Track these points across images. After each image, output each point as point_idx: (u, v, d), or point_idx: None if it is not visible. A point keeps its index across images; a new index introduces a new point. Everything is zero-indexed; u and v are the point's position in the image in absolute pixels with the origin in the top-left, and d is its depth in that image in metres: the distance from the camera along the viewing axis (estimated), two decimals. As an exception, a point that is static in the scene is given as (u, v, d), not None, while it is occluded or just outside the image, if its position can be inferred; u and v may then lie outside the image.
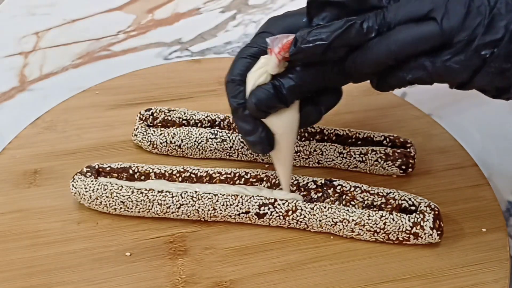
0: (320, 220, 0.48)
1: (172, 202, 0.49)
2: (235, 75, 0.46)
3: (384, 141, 0.55)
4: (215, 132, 0.55)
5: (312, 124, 0.48)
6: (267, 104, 0.44)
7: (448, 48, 0.39)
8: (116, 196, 0.49)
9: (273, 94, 0.44)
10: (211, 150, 0.55)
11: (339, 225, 0.48)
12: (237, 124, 0.47)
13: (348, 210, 0.48)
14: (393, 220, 0.47)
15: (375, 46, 0.41)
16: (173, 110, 0.57)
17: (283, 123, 0.46)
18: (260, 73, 0.44)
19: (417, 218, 0.47)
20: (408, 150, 0.54)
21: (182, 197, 0.49)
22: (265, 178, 0.51)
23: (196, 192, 0.49)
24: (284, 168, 0.49)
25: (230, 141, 0.55)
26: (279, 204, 0.48)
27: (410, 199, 0.49)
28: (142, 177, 0.51)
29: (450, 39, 0.39)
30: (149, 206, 0.49)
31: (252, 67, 0.45)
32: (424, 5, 0.40)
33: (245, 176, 0.51)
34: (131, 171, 0.51)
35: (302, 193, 0.50)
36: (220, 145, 0.55)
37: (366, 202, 0.49)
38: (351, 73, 0.44)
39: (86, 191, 0.49)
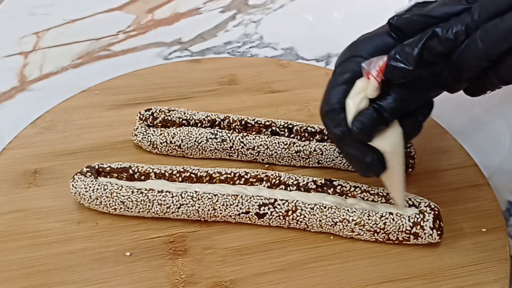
0: (320, 220, 0.48)
1: (172, 202, 0.49)
2: (334, 104, 0.45)
3: (384, 141, 0.55)
4: (215, 132, 0.55)
5: (415, 136, 0.48)
6: (371, 129, 0.44)
7: None
8: (116, 196, 0.49)
9: (376, 118, 0.43)
10: (211, 150, 0.55)
11: (339, 225, 0.48)
12: (345, 151, 0.46)
13: (348, 210, 0.48)
14: (393, 220, 0.47)
15: (464, 52, 0.40)
16: (173, 110, 0.57)
17: (390, 142, 0.45)
18: (360, 98, 0.44)
19: (417, 218, 0.47)
20: (408, 150, 0.54)
21: (182, 197, 0.49)
22: (265, 178, 0.51)
23: (196, 192, 0.49)
24: (397, 187, 0.47)
25: (230, 141, 0.55)
26: (279, 204, 0.48)
27: (410, 199, 0.49)
28: (142, 177, 0.51)
29: None
30: (149, 206, 0.49)
31: (348, 93, 0.44)
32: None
33: (245, 176, 0.51)
34: (131, 171, 0.51)
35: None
36: (220, 145, 0.55)
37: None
38: (449, 84, 0.43)
39: (86, 191, 0.49)
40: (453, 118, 0.63)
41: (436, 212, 0.48)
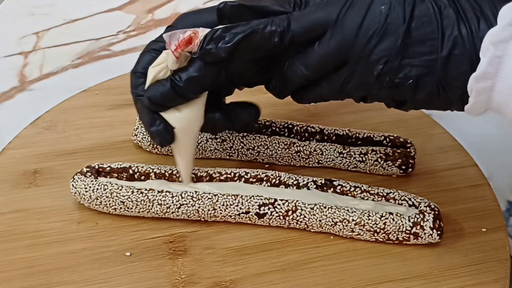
0: (320, 220, 0.48)
1: (172, 202, 0.49)
2: (137, 68, 0.46)
3: (384, 141, 0.55)
4: (215, 132, 0.55)
5: (217, 131, 0.49)
6: (162, 99, 0.44)
7: (345, 64, 0.40)
8: (116, 196, 0.49)
9: (168, 89, 0.43)
10: (211, 150, 0.55)
11: (339, 225, 0.48)
12: (138, 115, 0.47)
13: (348, 210, 0.48)
14: (393, 220, 0.47)
15: (288, 71, 0.43)
16: (173, 110, 0.57)
17: (181, 119, 0.45)
18: (160, 68, 0.44)
19: (417, 218, 0.47)
20: (408, 150, 0.54)
21: (182, 197, 0.49)
22: (265, 178, 0.51)
23: (196, 192, 0.49)
24: (183, 162, 0.49)
25: (230, 141, 0.55)
26: (279, 204, 0.48)
27: (410, 199, 0.49)
28: (142, 177, 0.51)
29: (346, 56, 0.40)
30: (149, 206, 0.49)
31: (154, 60, 0.45)
32: (323, 18, 0.40)
33: (245, 176, 0.51)
34: (131, 171, 0.51)
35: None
36: (220, 145, 0.55)
37: (366, 202, 0.49)
38: (276, 92, 0.46)
39: (86, 191, 0.49)
40: (453, 118, 0.63)
41: (436, 212, 0.48)
